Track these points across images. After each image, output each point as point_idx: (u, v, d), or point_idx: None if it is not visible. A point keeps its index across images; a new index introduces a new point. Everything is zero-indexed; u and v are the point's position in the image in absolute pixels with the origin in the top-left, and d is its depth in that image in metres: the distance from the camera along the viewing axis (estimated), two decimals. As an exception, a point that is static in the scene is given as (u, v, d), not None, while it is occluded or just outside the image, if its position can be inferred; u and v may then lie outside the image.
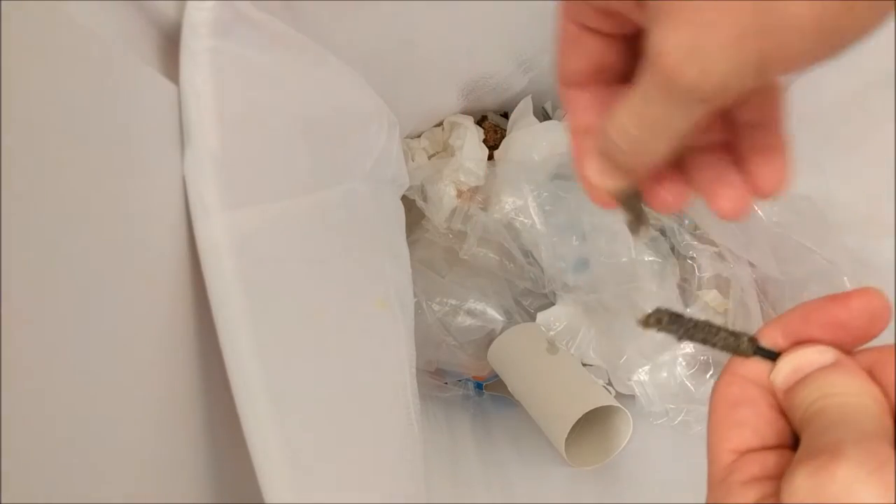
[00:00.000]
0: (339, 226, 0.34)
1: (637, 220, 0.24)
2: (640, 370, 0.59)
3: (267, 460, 0.22)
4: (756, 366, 0.21)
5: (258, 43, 0.28)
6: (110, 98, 0.21)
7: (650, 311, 0.21)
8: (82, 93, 0.19)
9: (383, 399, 0.35)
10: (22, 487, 0.15)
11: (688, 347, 0.58)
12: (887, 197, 0.47)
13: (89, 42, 0.20)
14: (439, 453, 0.54)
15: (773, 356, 0.20)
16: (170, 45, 0.25)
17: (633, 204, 0.23)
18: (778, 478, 0.18)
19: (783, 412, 0.20)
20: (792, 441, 0.20)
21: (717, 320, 0.59)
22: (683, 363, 0.58)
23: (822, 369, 0.19)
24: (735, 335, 0.21)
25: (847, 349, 0.20)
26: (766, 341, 0.21)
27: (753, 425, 0.20)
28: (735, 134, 0.22)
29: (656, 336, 0.58)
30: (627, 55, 0.23)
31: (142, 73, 0.23)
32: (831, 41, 0.16)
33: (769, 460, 0.19)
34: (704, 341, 0.21)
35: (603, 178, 0.22)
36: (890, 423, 0.17)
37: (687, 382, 0.57)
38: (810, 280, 0.55)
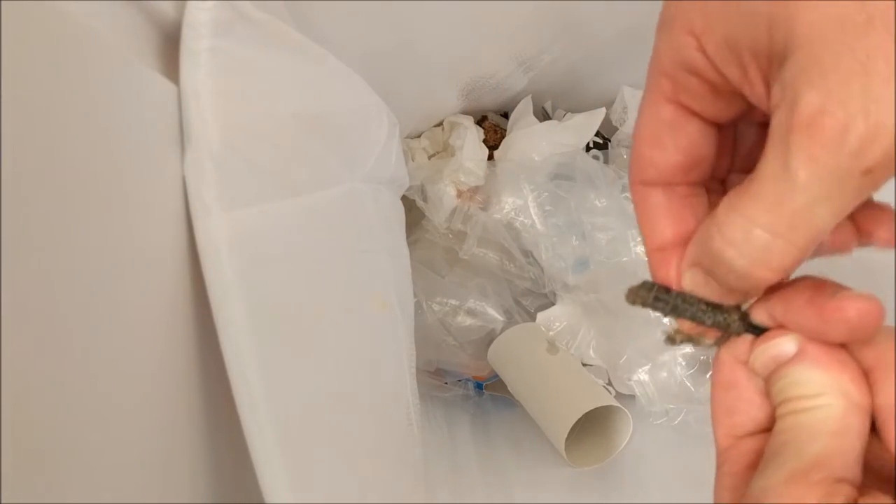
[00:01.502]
0: (339, 226, 0.34)
1: (718, 343, 0.20)
2: (640, 370, 0.59)
3: (267, 460, 0.22)
4: (744, 346, 0.20)
5: (258, 43, 0.28)
6: (110, 98, 0.21)
7: (636, 284, 0.19)
8: (82, 93, 0.19)
9: (383, 399, 0.35)
10: (22, 487, 0.15)
11: (688, 347, 0.58)
12: (887, 197, 0.47)
13: (89, 42, 0.20)
14: (439, 453, 0.54)
15: (763, 332, 0.19)
16: (170, 45, 0.25)
17: (733, 327, 0.20)
18: None
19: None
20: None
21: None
22: (683, 363, 0.58)
23: (788, 364, 0.18)
24: (726, 311, 0.19)
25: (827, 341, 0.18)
26: (757, 317, 0.19)
27: (744, 410, 0.20)
28: None
29: (656, 335, 0.58)
30: (717, 150, 0.20)
31: (142, 73, 0.23)
32: None
33: (761, 445, 0.19)
34: (693, 317, 0.20)
35: (699, 290, 0.19)
36: (854, 421, 0.17)
37: (687, 382, 0.57)
38: (810, 280, 0.55)
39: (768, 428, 0.19)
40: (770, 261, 0.16)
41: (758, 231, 0.16)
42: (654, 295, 0.20)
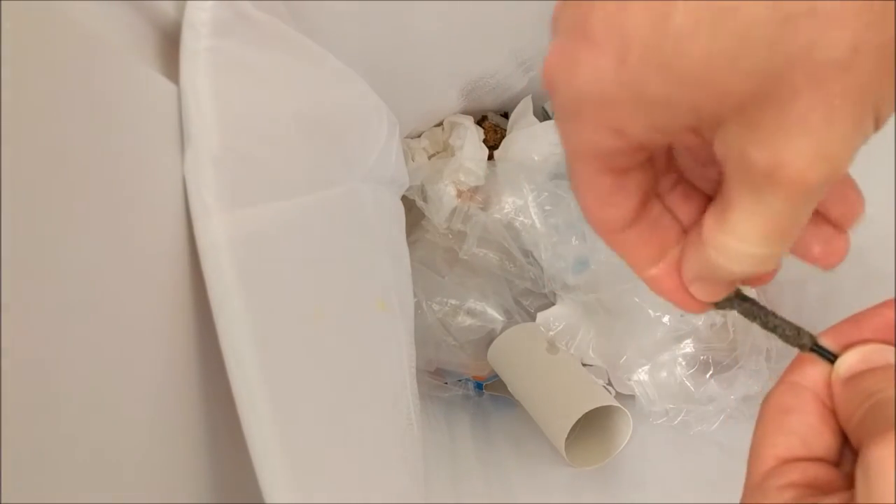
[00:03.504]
0: (339, 226, 0.34)
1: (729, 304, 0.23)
2: (640, 370, 0.59)
3: (267, 460, 0.22)
4: (812, 374, 0.21)
5: (258, 43, 0.28)
6: (110, 98, 0.21)
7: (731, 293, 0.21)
8: (82, 93, 0.19)
9: (383, 399, 0.35)
10: (22, 487, 0.15)
11: (687, 347, 0.58)
12: (887, 197, 0.47)
13: (89, 42, 0.20)
14: (439, 453, 0.54)
15: (830, 356, 0.21)
16: (170, 45, 0.25)
17: (741, 296, 0.22)
18: (817, 488, 0.19)
19: (831, 424, 0.20)
20: (836, 457, 0.20)
21: (717, 320, 0.59)
22: (683, 363, 0.58)
23: (892, 366, 0.19)
24: (797, 326, 0.21)
25: None
26: (823, 343, 0.21)
27: (802, 434, 0.20)
28: None
29: (656, 335, 0.58)
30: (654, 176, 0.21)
31: (142, 73, 0.23)
32: None
33: (810, 470, 0.19)
34: (766, 324, 0.22)
35: (709, 296, 0.21)
36: None
37: (687, 382, 0.57)
38: (810, 280, 0.55)
39: (817, 458, 0.20)
40: (765, 266, 0.18)
41: (751, 248, 0.18)
42: (738, 298, 0.22)
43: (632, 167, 0.19)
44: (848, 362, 0.20)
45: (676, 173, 0.22)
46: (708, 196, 0.21)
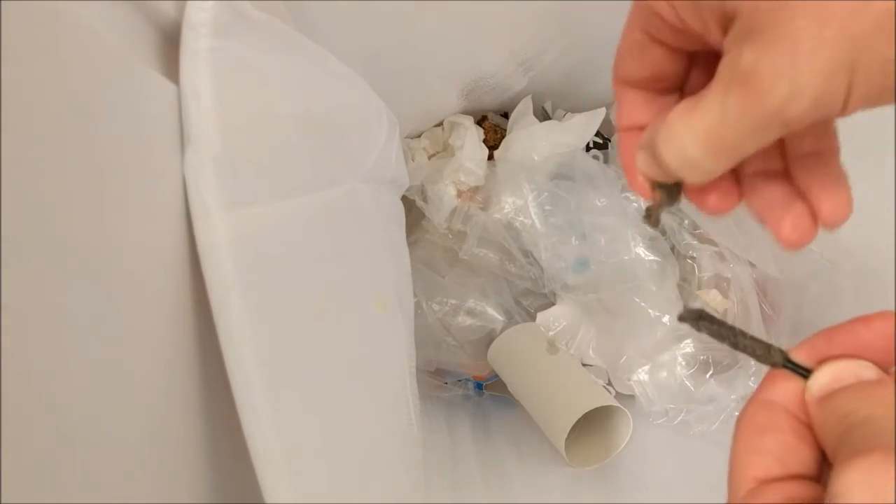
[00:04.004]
0: (339, 226, 0.34)
1: (660, 209, 0.23)
2: (640, 370, 0.59)
3: (267, 460, 0.22)
4: (784, 390, 0.21)
5: (258, 43, 0.28)
6: (110, 98, 0.21)
7: (692, 307, 0.21)
8: (82, 93, 0.19)
9: (383, 399, 0.35)
10: (22, 487, 0.15)
11: (687, 347, 0.58)
12: (887, 197, 0.47)
13: (89, 42, 0.20)
14: (439, 453, 0.54)
15: (803, 371, 0.20)
16: (170, 45, 0.25)
17: (672, 195, 0.23)
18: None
19: (808, 440, 0.20)
20: (816, 472, 0.20)
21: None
22: (683, 363, 0.58)
23: (865, 382, 0.19)
24: (766, 344, 0.21)
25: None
26: (794, 358, 0.21)
27: (778, 454, 0.20)
28: (791, 163, 0.22)
29: (656, 335, 0.58)
30: (686, 70, 0.23)
31: (142, 73, 0.23)
32: None
33: (791, 489, 0.19)
34: (735, 345, 0.21)
35: (654, 176, 0.22)
36: None
37: (687, 382, 0.57)
38: (810, 280, 0.55)
39: (796, 475, 0.20)
40: (699, 167, 0.19)
41: (690, 147, 0.19)
42: (704, 320, 0.21)
43: (661, 40, 0.21)
44: (820, 382, 0.20)
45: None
46: None
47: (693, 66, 0.24)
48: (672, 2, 0.20)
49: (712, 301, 0.60)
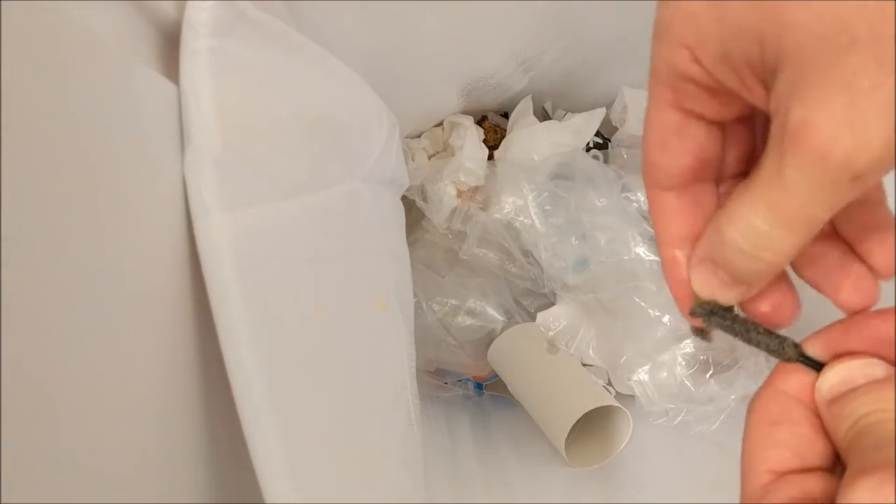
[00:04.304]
0: (339, 226, 0.34)
1: (711, 332, 0.22)
2: (640, 370, 0.59)
3: (267, 460, 0.22)
4: (798, 381, 0.20)
5: (258, 43, 0.28)
6: (110, 98, 0.21)
7: (704, 300, 0.20)
8: (82, 93, 0.19)
9: (383, 399, 0.35)
10: (22, 487, 0.15)
11: (687, 347, 0.58)
12: (888, 198, 0.47)
13: (89, 42, 0.20)
14: (439, 453, 0.54)
15: (816, 365, 0.20)
16: (170, 45, 0.25)
17: (726, 320, 0.21)
18: (818, 500, 0.18)
19: (824, 432, 0.20)
20: (831, 464, 0.20)
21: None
22: (683, 363, 0.58)
23: (874, 383, 0.19)
24: (780, 338, 0.20)
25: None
26: (809, 352, 0.20)
27: (794, 446, 0.19)
28: (837, 216, 0.20)
29: (656, 335, 0.58)
30: (724, 146, 0.21)
31: (142, 73, 0.23)
32: None
33: (809, 483, 0.19)
34: (749, 340, 0.21)
35: (713, 291, 0.20)
36: None
37: (687, 382, 0.57)
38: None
39: (813, 468, 0.19)
40: (771, 247, 0.17)
41: (759, 223, 0.17)
42: (719, 312, 0.20)
43: (698, 113, 0.19)
44: (829, 383, 0.19)
45: (746, 168, 0.21)
46: None
47: (728, 147, 0.21)
48: (700, 60, 0.17)
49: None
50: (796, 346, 0.20)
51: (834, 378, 0.19)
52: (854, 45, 0.14)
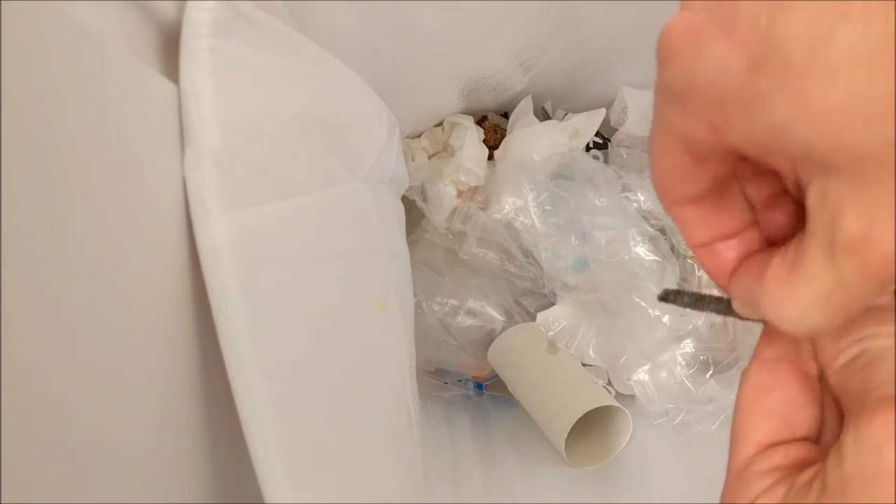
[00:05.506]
0: (339, 226, 0.34)
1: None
2: (640, 370, 0.59)
3: (267, 460, 0.22)
4: (784, 343, 0.20)
5: (258, 43, 0.28)
6: (110, 98, 0.21)
7: (666, 288, 0.22)
8: (82, 93, 0.19)
9: (383, 399, 0.35)
10: (22, 487, 0.15)
11: (687, 347, 0.58)
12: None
13: (89, 42, 0.20)
14: (439, 453, 0.54)
15: None
16: (170, 45, 0.25)
17: (689, 298, 0.23)
18: (801, 468, 0.18)
19: (813, 395, 0.20)
20: (817, 433, 0.20)
21: (717, 320, 0.59)
22: (683, 363, 0.58)
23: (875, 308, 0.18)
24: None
25: None
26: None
27: (783, 413, 0.19)
28: None
29: (656, 335, 0.58)
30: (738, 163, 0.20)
31: (142, 73, 0.23)
32: None
33: (793, 451, 0.19)
34: (720, 311, 0.21)
35: (745, 313, 0.20)
36: None
37: (687, 382, 0.57)
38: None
39: (801, 437, 0.19)
40: (808, 332, 0.17)
41: (805, 311, 0.17)
42: (681, 295, 0.22)
43: (715, 160, 0.18)
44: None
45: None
46: (787, 192, 0.20)
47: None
48: (723, 135, 0.16)
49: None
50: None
51: None
52: None
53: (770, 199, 0.20)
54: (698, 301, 0.22)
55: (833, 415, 0.20)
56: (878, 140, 0.14)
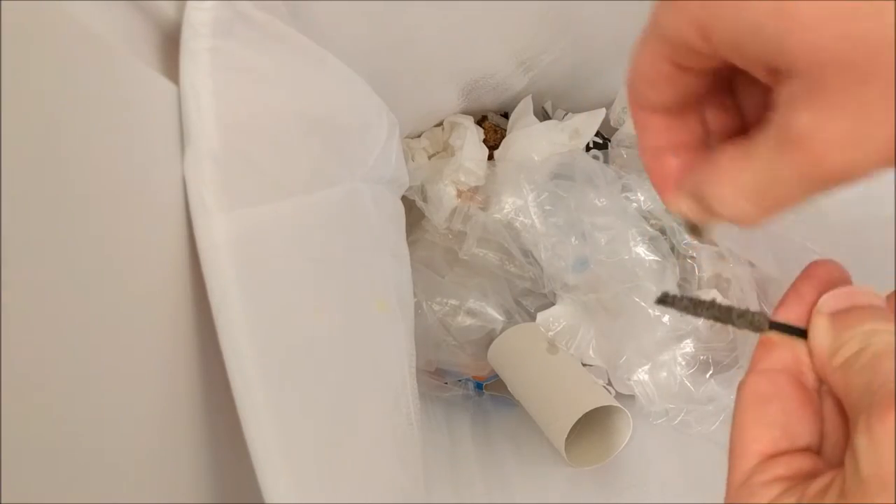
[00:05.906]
0: (339, 226, 0.34)
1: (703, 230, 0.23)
2: (640, 370, 0.59)
3: (267, 460, 0.22)
4: (782, 354, 0.20)
5: (258, 43, 0.28)
6: (110, 98, 0.21)
7: (665, 291, 0.22)
8: (82, 93, 0.19)
9: (383, 399, 0.35)
10: (22, 487, 0.15)
11: (687, 347, 0.58)
12: (888, 197, 0.47)
13: (89, 42, 0.20)
14: (439, 453, 0.54)
15: (789, 329, 0.20)
16: (170, 45, 0.25)
17: (690, 304, 0.23)
18: (804, 479, 0.18)
19: (812, 406, 0.20)
20: (818, 441, 0.20)
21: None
22: (683, 363, 0.58)
23: (875, 307, 0.19)
24: (748, 312, 0.21)
25: None
26: (782, 317, 0.21)
27: (783, 424, 0.19)
28: None
29: (656, 335, 0.58)
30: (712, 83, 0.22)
31: (142, 73, 0.23)
32: None
33: (795, 462, 0.19)
34: (717, 318, 0.21)
35: (695, 216, 0.21)
36: None
37: (687, 382, 0.57)
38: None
39: (801, 448, 0.19)
40: (745, 218, 0.19)
41: (741, 202, 0.18)
42: (682, 299, 0.22)
43: (693, 71, 0.19)
44: (831, 300, 0.20)
45: (731, 93, 0.22)
46: (746, 123, 0.22)
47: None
48: (710, 39, 0.18)
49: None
50: (764, 314, 0.21)
51: (834, 297, 0.20)
52: (879, 73, 0.15)
53: (726, 129, 0.22)
54: (696, 306, 0.22)
55: (834, 427, 0.20)
56: (844, 43, 0.15)
